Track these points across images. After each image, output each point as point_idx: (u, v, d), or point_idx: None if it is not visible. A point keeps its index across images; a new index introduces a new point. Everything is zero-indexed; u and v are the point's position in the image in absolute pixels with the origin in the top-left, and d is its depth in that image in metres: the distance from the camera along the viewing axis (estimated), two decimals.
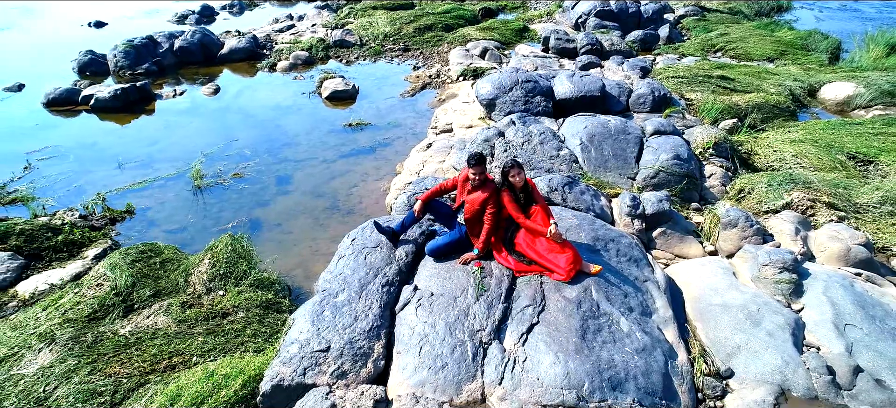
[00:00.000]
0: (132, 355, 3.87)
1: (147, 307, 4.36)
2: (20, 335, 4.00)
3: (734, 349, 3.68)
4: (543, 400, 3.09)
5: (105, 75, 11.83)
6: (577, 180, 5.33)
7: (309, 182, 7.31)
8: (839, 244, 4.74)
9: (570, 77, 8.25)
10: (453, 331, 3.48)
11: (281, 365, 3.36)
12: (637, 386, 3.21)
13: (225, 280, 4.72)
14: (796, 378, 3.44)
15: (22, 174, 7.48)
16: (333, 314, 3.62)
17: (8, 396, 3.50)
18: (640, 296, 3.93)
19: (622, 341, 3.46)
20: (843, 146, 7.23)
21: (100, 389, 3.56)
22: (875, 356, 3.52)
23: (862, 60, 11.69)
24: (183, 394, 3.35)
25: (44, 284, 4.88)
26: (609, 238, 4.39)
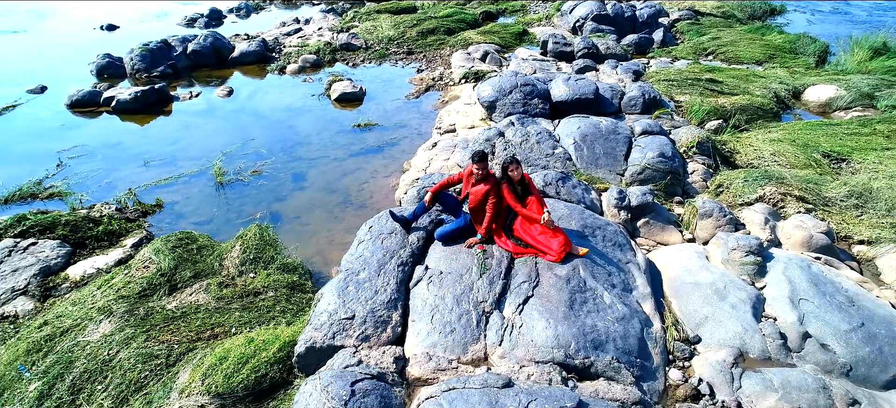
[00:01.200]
0: (180, 326, 4.48)
1: (188, 287, 4.97)
2: (81, 310, 4.62)
3: (702, 320, 4.29)
4: (536, 357, 3.71)
5: (122, 78, 12.44)
6: (569, 176, 5.95)
7: (322, 179, 7.92)
8: (803, 232, 5.36)
9: (565, 81, 8.86)
10: (460, 302, 4.09)
11: (313, 331, 3.98)
12: (616, 347, 3.83)
13: (254, 264, 5.34)
14: (753, 342, 4.05)
15: (55, 171, 8.09)
16: (356, 289, 4.23)
17: (78, 357, 4.11)
18: (623, 275, 4.54)
19: (604, 311, 4.07)
20: (818, 145, 7.85)
21: (155, 353, 4.17)
22: (822, 325, 4.14)
23: (846, 64, 12.30)
24: (228, 356, 3.95)
25: (91, 269, 5.49)
26: (596, 226, 5.00)
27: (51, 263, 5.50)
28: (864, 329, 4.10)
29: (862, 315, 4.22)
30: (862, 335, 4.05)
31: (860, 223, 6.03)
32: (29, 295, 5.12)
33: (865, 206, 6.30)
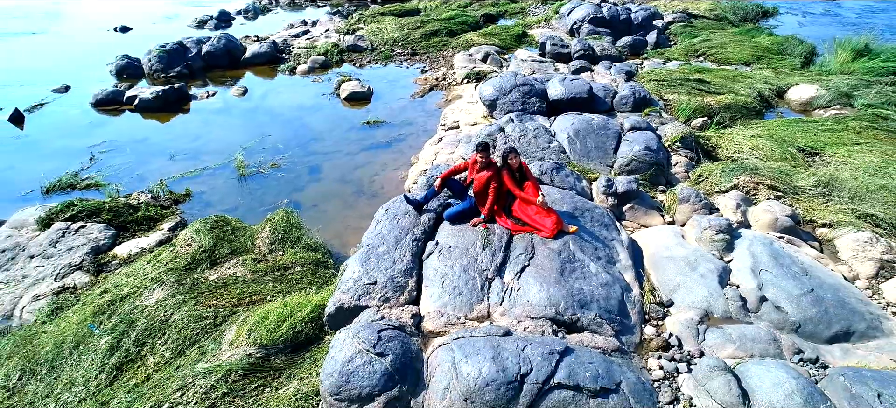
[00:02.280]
0: (222, 293, 5.20)
1: (226, 262, 5.69)
2: (135, 280, 5.34)
3: (675, 287, 5.02)
4: (531, 314, 4.42)
5: (140, 78, 13.18)
6: (563, 166, 6.67)
7: (336, 171, 8.64)
8: (770, 215, 6.08)
9: (561, 81, 9.59)
10: (466, 271, 4.81)
11: (341, 294, 4.69)
12: (599, 306, 4.54)
13: (282, 243, 6.06)
14: (717, 305, 4.77)
15: (89, 164, 8.81)
16: (377, 260, 4.95)
17: (138, 318, 4.82)
18: (607, 250, 5.26)
19: (590, 278, 4.79)
20: (794, 141, 8.58)
21: (204, 314, 4.89)
22: (778, 291, 4.86)
23: (830, 65, 13.02)
24: (268, 316, 4.67)
25: (136, 248, 6.21)
26: (586, 208, 5.73)
27: (99, 243, 6.22)
28: (814, 294, 4.82)
29: (813, 283, 4.94)
30: (811, 299, 4.77)
31: (825, 209, 6.75)
32: (84, 270, 5.84)
33: (831, 194, 7.03)
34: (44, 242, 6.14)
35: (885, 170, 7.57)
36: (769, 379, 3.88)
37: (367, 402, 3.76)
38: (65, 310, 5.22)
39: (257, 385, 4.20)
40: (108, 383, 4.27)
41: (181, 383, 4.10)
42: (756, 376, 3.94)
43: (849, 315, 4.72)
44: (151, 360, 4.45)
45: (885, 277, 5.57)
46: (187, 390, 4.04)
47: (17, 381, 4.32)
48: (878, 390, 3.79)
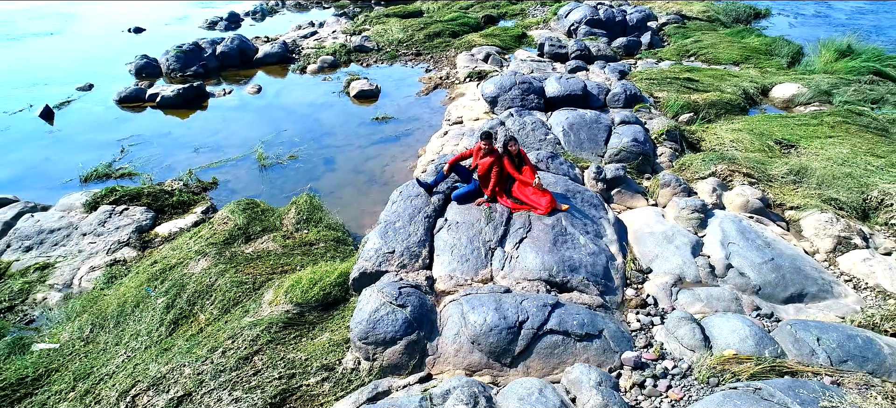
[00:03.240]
0: (257, 264, 5.98)
1: (259, 238, 6.48)
2: (181, 253, 6.13)
3: (654, 257, 5.81)
4: (528, 277, 5.21)
5: (157, 76, 13.97)
6: (558, 155, 7.46)
7: (349, 163, 9.43)
8: (742, 198, 6.87)
9: (558, 79, 10.38)
10: (472, 242, 5.59)
11: (363, 262, 5.48)
12: (587, 271, 5.33)
13: (307, 223, 6.84)
14: (689, 271, 5.56)
15: (120, 156, 9.59)
16: (394, 234, 5.73)
17: (187, 283, 5.61)
18: (595, 226, 6.06)
19: (580, 248, 5.58)
20: (772, 134, 9.38)
21: (244, 281, 5.68)
22: (742, 259, 5.65)
23: (814, 64, 13.82)
24: (302, 280, 5.45)
25: (175, 228, 7.00)
26: (577, 191, 6.52)
27: (142, 224, 7.01)
28: (773, 262, 5.61)
29: (773, 253, 5.73)
30: (771, 266, 5.56)
31: (794, 194, 7.53)
32: (131, 246, 6.63)
33: (801, 181, 7.82)
34: (93, 221, 6.93)
35: (853, 160, 8.38)
36: (727, 327, 4.67)
37: (391, 345, 4.54)
38: (118, 279, 6.01)
39: (295, 335, 4.98)
40: (168, 334, 5.06)
41: (231, 333, 4.89)
42: (717, 325, 4.73)
43: (803, 280, 5.52)
44: (202, 316, 5.24)
45: (841, 251, 6.36)
46: (237, 338, 4.83)
47: (89, 332, 5.11)
48: (818, 335, 4.58)
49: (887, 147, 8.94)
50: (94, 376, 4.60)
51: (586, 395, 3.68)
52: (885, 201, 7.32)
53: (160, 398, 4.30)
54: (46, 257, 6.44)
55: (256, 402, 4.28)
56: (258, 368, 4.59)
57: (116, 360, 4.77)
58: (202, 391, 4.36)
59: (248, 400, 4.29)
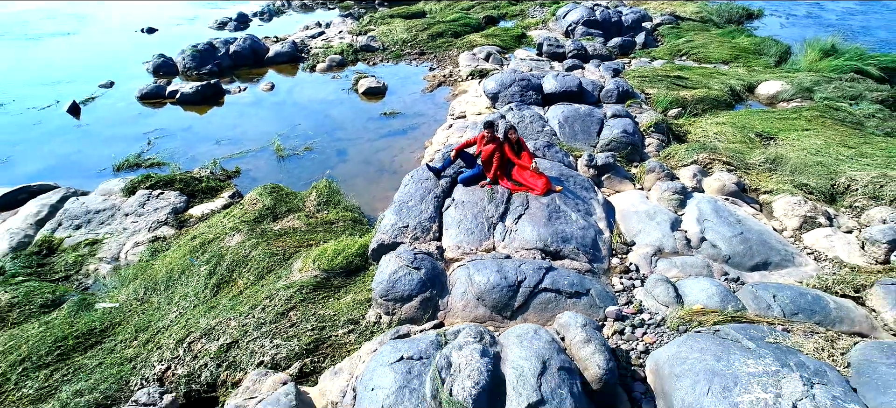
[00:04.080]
0: (285, 239, 6.79)
1: (285, 217, 7.28)
2: (216, 229, 6.93)
3: (637, 232, 6.62)
4: (526, 247, 6.02)
5: (174, 75, 14.77)
6: (553, 145, 8.27)
7: (361, 154, 10.23)
8: (719, 183, 7.69)
9: (555, 77, 11.21)
10: (477, 218, 6.40)
11: (381, 235, 6.29)
12: (577, 242, 6.14)
13: (326, 205, 7.65)
14: (668, 243, 6.37)
15: (147, 148, 10.40)
16: (407, 211, 6.54)
17: (225, 254, 6.41)
18: (586, 205, 6.87)
19: (571, 223, 6.39)
20: (753, 127, 10.19)
21: (274, 252, 6.48)
22: (715, 234, 6.46)
23: (800, 63, 14.64)
24: (327, 251, 6.26)
25: (206, 210, 7.80)
26: (570, 175, 7.33)
27: (177, 206, 7.82)
28: (742, 236, 6.42)
29: (743, 228, 6.55)
30: (740, 239, 6.37)
31: (769, 180, 8.35)
32: (169, 225, 7.43)
33: (776, 168, 8.64)
34: (134, 204, 7.74)
35: (825, 150, 9.21)
36: (697, 287, 5.48)
37: (408, 301, 5.35)
38: (160, 252, 6.81)
39: (323, 296, 5.79)
40: (212, 295, 5.86)
41: (268, 294, 5.70)
42: (689, 285, 5.55)
43: (768, 251, 6.33)
44: (241, 281, 6.05)
45: (806, 229, 7.17)
46: (273, 298, 5.63)
47: (143, 294, 5.91)
48: (774, 293, 5.40)
49: (859, 139, 9.76)
50: (153, 328, 5.41)
51: (573, 333, 4.49)
52: (851, 187, 8.14)
53: (212, 345, 5.11)
54: (94, 234, 7.24)
55: (294, 348, 5.09)
56: (293, 321, 5.40)
57: (170, 316, 5.57)
58: (247, 339, 5.16)
59: (287, 346, 5.09)
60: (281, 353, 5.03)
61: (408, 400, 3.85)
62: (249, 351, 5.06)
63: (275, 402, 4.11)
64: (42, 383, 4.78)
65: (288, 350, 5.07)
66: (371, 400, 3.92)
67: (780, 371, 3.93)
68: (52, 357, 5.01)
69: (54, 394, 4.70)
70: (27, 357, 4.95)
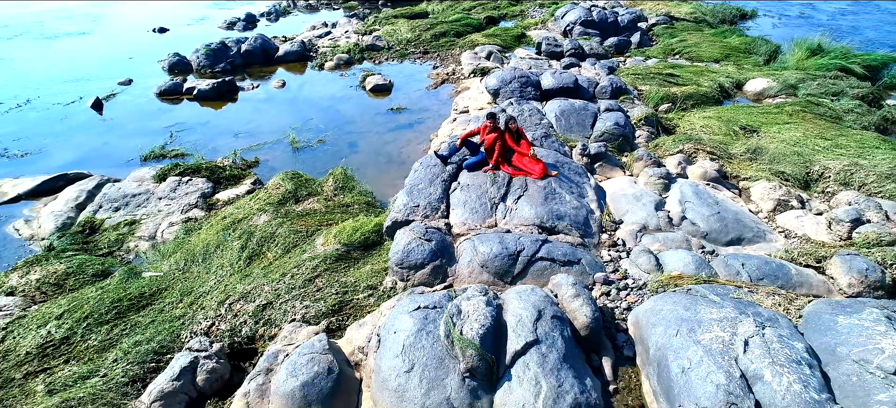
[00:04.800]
0: (307, 219, 7.57)
1: (305, 200, 8.07)
2: (244, 210, 7.71)
3: (625, 212, 7.40)
4: (524, 223, 6.79)
5: (188, 72, 15.56)
6: (550, 136, 9.05)
7: (370, 146, 11.01)
8: (701, 169, 8.47)
9: (552, 74, 11.99)
10: (480, 198, 7.18)
11: (394, 213, 7.07)
12: (570, 220, 6.92)
13: (343, 190, 8.43)
14: (652, 221, 7.15)
15: (170, 140, 11.17)
16: (418, 193, 7.32)
17: (254, 231, 7.19)
18: (579, 188, 7.65)
19: (565, 203, 7.17)
20: (738, 121, 10.97)
21: (298, 230, 7.26)
22: (694, 213, 7.24)
23: (788, 62, 15.43)
24: (346, 228, 7.03)
25: (232, 195, 8.58)
26: (565, 162, 8.11)
27: (205, 191, 8.60)
28: (719, 215, 7.20)
29: (720, 208, 7.33)
30: (716, 218, 7.15)
31: (749, 168, 9.13)
32: (199, 208, 8.21)
33: (756, 158, 9.42)
34: (166, 189, 8.52)
35: (803, 142, 9.99)
36: (676, 257, 6.26)
37: (420, 268, 6.13)
38: (194, 231, 7.59)
39: (344, 266, 6.56)
40: (245, 266, 6.64)
41: (296, 264, 6.47)
42: (668, 256, 6.32)
43: (742, 229, 7.11)
44: (270, 254, 6.83)
45: (780, 211, 7.95)
46: (300, 267, 6.41)
47: (183, 265, 6.68)
48: (743, 262, 6.18)
49: (835, 132, 10.54)
50: (195, 292, 6.18)
51: (565, 290, 5.26)
52: (825, 174, 8.93)
53: (249, 305, 5.89)
54: (132, 216, 8.02)
55: (321, 308, 5.86)
56: (319, 286, 6.17)
57: (209, 282, 6.35)
58: (280, 301, 5.94)
59: (315, 307, 5.87)
60: (310, 312, 5.81)
61: (425, 340, 4.63)
62: (282, 310, 5.83)
63: (310, 347, 4.88)
64: (104, 336, 5.56)
65: (316, 310, 5.84)
66: (394, 341, 4.70)
67: (738, 317, 4.71)
68: (110, 315, 5.78)
69: (115, 345, 5.47)
70: (89, 315, 5.73)
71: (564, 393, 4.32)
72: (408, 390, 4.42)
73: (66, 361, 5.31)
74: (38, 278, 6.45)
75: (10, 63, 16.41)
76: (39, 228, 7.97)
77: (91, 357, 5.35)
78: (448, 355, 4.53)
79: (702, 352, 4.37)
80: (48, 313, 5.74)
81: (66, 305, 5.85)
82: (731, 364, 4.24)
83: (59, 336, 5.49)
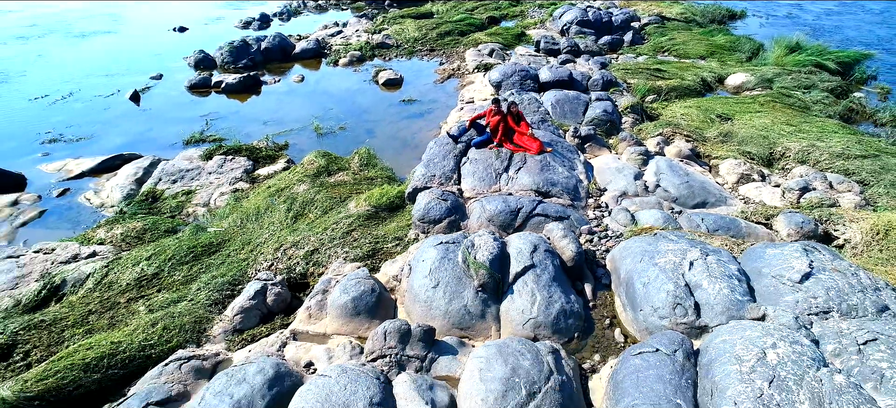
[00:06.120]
0: (339, 188, 9.05)
1: (336, 174, 9.55)
2: (284, 182, 9.19)
3: (608, 181, 8.89)
4: (523, 189, 8.28)
5: (212, 68, 17.04)
6: (546, 120, 10.54)
7: (386, 133, 12.49)
8: (676, 148, 9.97)
9: (549, 68, 13.50)
10: (487, 169, 8.67)
11: (415, 181, 8.56)
12: (562, 186, 8.41)
13: (367, 166, 9.91)
14: (630, 188, 8.65)
15: (206, 127, 12.65)
16: (433, 165, 8.80)
17: (296, 197, 8.67)
18: (570, 163, 9.14)
19: (558, 174, 8.65)
20: (714, 110, 12.47)
21: (333, 196, 8.74)
22: (667, 181, 8.73)
23: (768, 58, 16.94)
24: (373, 194, 8.51)
25: (270, 171, 10.06)
26: (558, 141, 9.61)
27: (247, 167, 10.08)
28: (687, 183, 8.69)
29: (689, 179, 8.82)
30: (685, 186, 8.64)
31: (720, 149, 10.62)
32: (243, 181, 9.69)
33: (727, 141, 10.91)
34: (213, 165, 10.00)
35: (771, 127, 11.49)
36: (648, 214, 7.74)
37: (438, 222, 7.60)
38: (242, 199, 9.06)
39: (374, 223, 8.04)
40: (292, 223, 8.11)
41: (334, 221, 7.95)
42: (642, 214, 7.81)
43: (706, 195, 8.60)
44: (311, 215, 8.30)
45: (743, 182, 9.44)
46: (338, 223, 7.88)
47: (240, 223, 8.16)
48: (703, 217, 7.67)
49: (800, 119, 12.04)
50: (254, 242, 7.66)
51: (555, 233, 6.74)
52: (786, 154, 10.43)
53: (300, 251, 7.36)
54: (188, 187, 9.50)
55: (358, 253, 7.34)
56: (355, 237, 7.65)
57: (264, 235, 7.83)
58: (324, 248, 7.41)
59: (353, 252, 7.34)
60: (350, 255, 7.29)
61: (447, 265, 6.11)
62: (327, 254, 7.31)
63: (356, 274, 6.35)
64: (186, 273, 7.03)
65: (354, 254, 7.32)
66: (422, 267, 6.18)
67: (688, 249, 6.19)
68: (188, 258, 7.26)
69: (195, 279, 6.94)
70: (172, 257, 7.20)
71: (554, 302, 5.80)
72: (434, 300, 5.90)
73: (159, 290, 6.79)
74: (121, 232, 7.93)
75: (48, 59, 17.91)
76: (107, 197, 9.45)
77: (177, 288, 6.82)
78: (465, 275, 6.01)
79: (658, 270, 5.86)
80: (139, 256, 7.21)
81: (151, 250, 7.33)
82: (678, 278, 5.72)
83: (150, 272, 6.97)
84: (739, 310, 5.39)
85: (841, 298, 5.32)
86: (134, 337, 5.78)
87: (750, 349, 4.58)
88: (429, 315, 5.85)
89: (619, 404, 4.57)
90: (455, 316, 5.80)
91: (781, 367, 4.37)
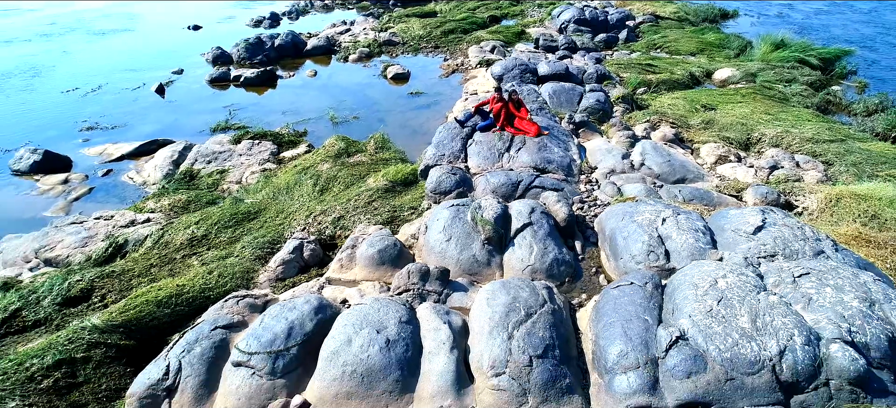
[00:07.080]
0: (359, 167, 10.24)
1: (354, 155, 10.74)
2: (309, 162, 10.37)
3: (599, 161, 10.09)
4: (523, 166, 9.47)
5: (229, 63, 18.24)
6: (544, 109, 11.74)
7: (396, 122, 13.68)
8: (661, 133, 11.17)
9: (548, 63, 14.71)
10: (490, 149, 9.87)
11: (426, 160, 9.75)
12: (557, 164, 9.60)
13: (382, 149, 11.10)
14: (618, 166, 9.84)
15: (230, 116, 13.84)
16: (443, 146, 10.00)
17: (321, 174, 9.86)
18: (565, 145, 10.33)
19: (554, 153, 9.85)
20: (699, 101, 13.68)
21: (353, 173, 9.93)
22: (650, 161, 9.93)
23: (755, 55, 18.16)
24: (390, 171, 9.70)
25: (294, 153, 11.25)
26: (554, 126, 10.81)
27: (273, 150, 11.27)
28: (669, 162, 9.89)
29: (671, 158, 10.02)
30: (667, 164, 9.83)
31: (702, 134, 11.82)
32: (271, 162, 10.87)
33: (709, 128, 12.11)
34: (242, 149, 11.19)
35: (750, 116, 12.69)
36: (632, 187, 8.94)
37: (449, 193, 8.79)
38: (271, 177, 10.24)
39: (391, 196, 9.23)
40: (319, 195, 9.30)
41: (356, 193, 9.14)
42: (627, 187, 9.01)
43: (685, 172, 9.80)
44: (335, 189, 9.49)
45: (720, 163, 10.63)
46: (360, 195, 9.07)
47: (272, 196, 9.35)
48: (679, 188, 8.86)
49: (778, 109, 13.25)
50: (286, 211, 8.84)
51: (551, 199, 7.93)
52: (762, 139, 11.63)
53: (328, 218, 8.54)
54: (221, 167, 10.69)
55: (379, 219, 8.52)
56: (376, 207, 8.84)
57: (295, 205, 9.01)
58: (349, 215, 8.60)
59: (375, 219, 8.53)
60: (372, 220, 8.47)
61: (458, 223, 7.29)
62: (352, 220, 8.50)
63: (380, 233, 7.53)
64: (230, 235, 8.22)
65: (375, 220, 8.50)
66: (437, 225, 7.36)
67: (663, 209, 7.37)
68: (231, 223, 8.44)
69: (239, 240, 8.12)
70: (217, 222, 8.38)
71: (548, 253, 6.99)
72: (448, 251, 7.08)
73: (208, 249, 7.96)
74: (169, 203, 9.11)
75: (73, 55, 19.12)
76: (148, 176, 10.63)
77: (224, 247, 8.00)
78: (473, 231, 7.20)
79: (636, 226, 7.05)
80: (188, 221, 8.40)
81: (199, 216, 8.51)
82: (652, 231, 6.91)
83: (199, 234, 8.15)
84: (702, 255, 6.57)
85: (785, 245, 6.51)
86: (195, 282, 6.96)
87: (705, 279, 5.77)
88: (443, 263, 7.03)
89: (600, 323, 5.75)
90: (465, 264, 6.99)
91: (729, 290, 5.56)
